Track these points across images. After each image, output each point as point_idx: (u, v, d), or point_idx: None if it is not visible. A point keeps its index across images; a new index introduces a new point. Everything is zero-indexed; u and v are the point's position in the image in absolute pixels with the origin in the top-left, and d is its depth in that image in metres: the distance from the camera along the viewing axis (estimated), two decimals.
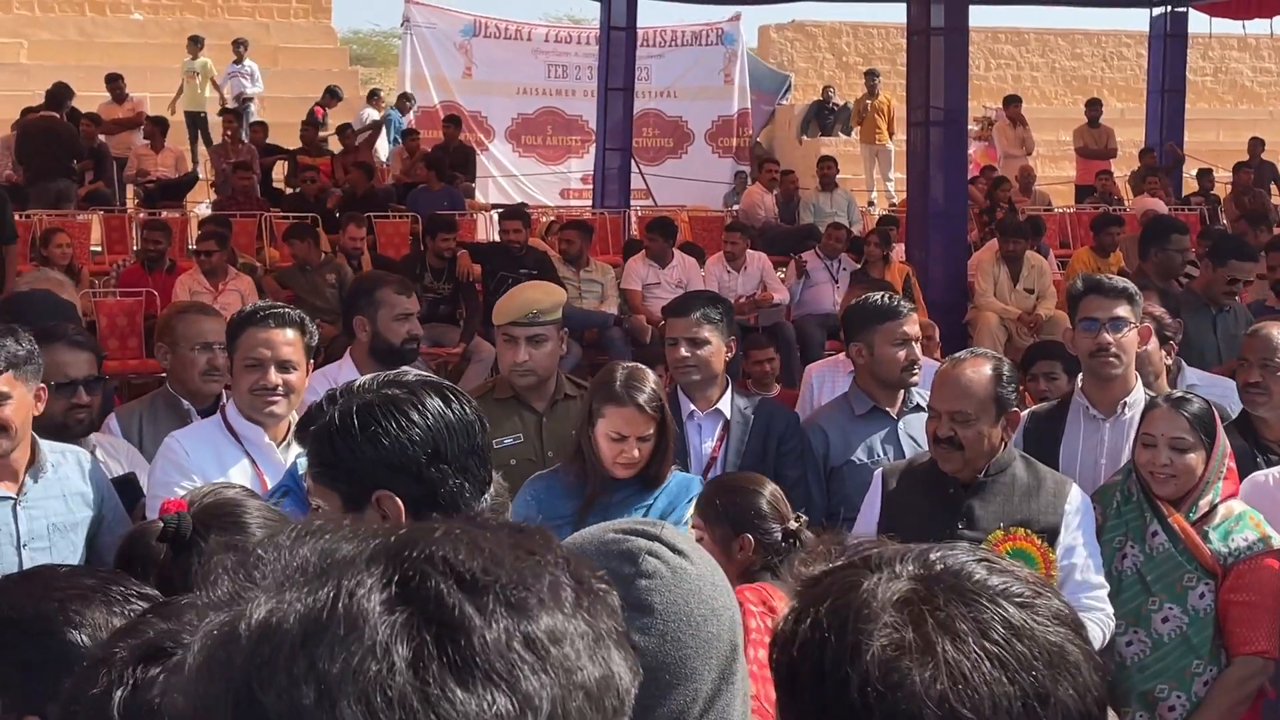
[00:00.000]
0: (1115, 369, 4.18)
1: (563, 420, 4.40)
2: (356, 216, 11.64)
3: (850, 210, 14.72)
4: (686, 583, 1.37)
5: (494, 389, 4.46)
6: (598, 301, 10.38)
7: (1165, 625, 3.72)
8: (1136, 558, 3.77)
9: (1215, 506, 3.72)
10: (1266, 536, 3.67)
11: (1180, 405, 3.75)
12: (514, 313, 4.35)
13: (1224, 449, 3.74)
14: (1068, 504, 3.70)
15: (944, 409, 3.66)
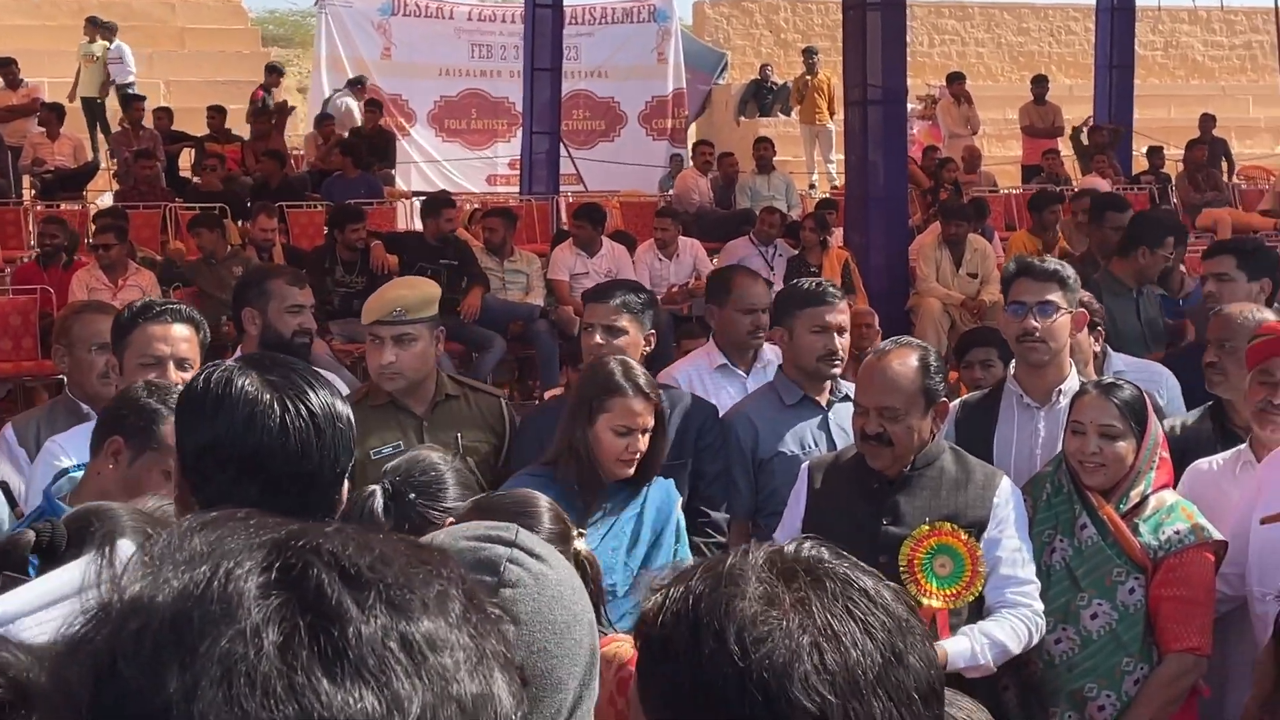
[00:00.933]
0: (1042, 355, 4.20)
1: (445, 423, 4.36)
2: (268, 206, 11.52)
3: (789, 193, 14.78)
4: (549, 589, 1.36)
5: (369, 394, 4.38)
6: (523, 293, 10.35)
7: (1094, 622, 3.75)
8: (1065, 552, 3.79)
9: (1146, 498, 3.74)
10: (1199, 527, 3.69)
11: (1110, 392, 3.77)
12: (379, 311, 4.29)
13: (1155, 438, 3.77)
14: (996, 496, 3.72)
15: (871, 404, 3.67)
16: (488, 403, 4.51)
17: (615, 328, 4.38)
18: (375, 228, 11.45)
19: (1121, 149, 16.35)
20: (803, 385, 4.50)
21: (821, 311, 4.47)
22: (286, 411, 2.02)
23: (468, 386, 4.54)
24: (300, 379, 2.09)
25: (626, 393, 3.69)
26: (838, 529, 3.54)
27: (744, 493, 4.45)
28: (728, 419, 4.61)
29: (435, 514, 3.08)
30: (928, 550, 3.62)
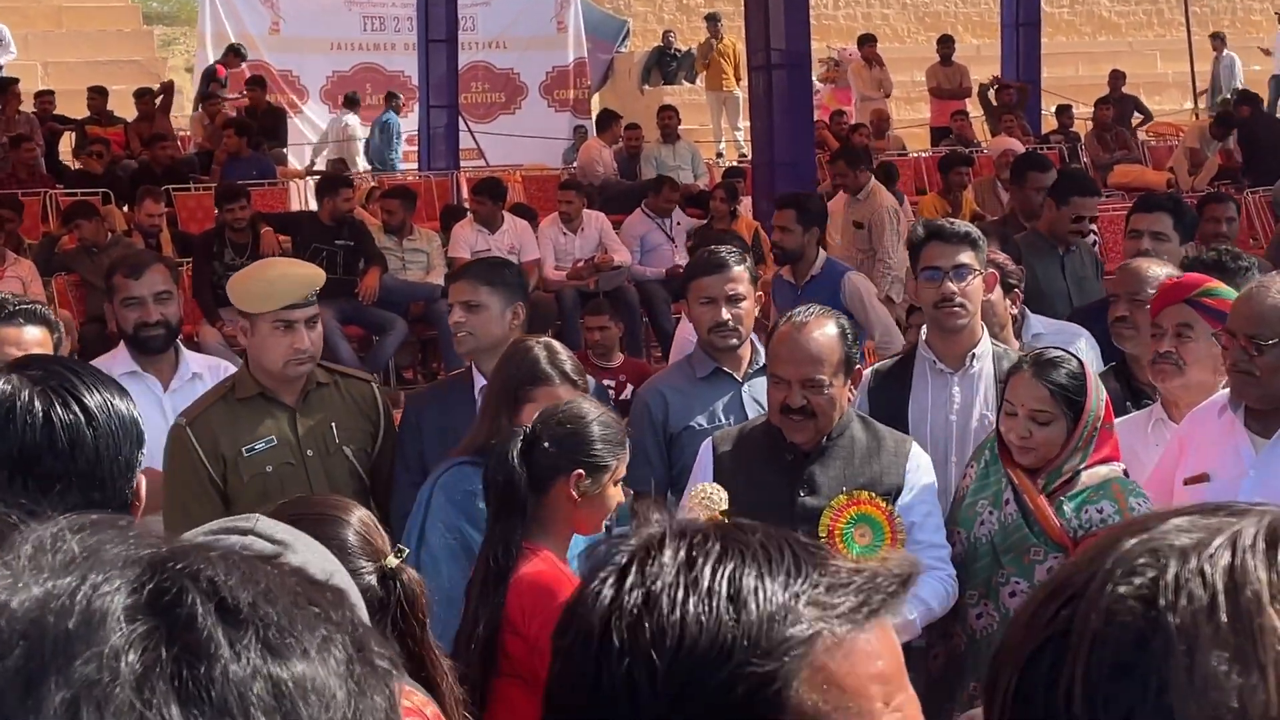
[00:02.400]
0: (961, 319, 4.19)
1: (317, 413, 4.22)
2: (153, 191, 11.30)
3: (695, 162, 14.76)
4: None
5: (234, 388, 4.23)
6: (423, 272, 10.23)
7: (1013, 600, 3.72)
8: (991, 526, 3.77)
9: (1078, 474, 3.71)
10: (1125, 510, 3.63)
11: (1044, 373, 3.69)
12: (293, 294, 4.12)
13: (1094, 414, 3.71)
14: (909, 462, 3.71)
15: (794, 376, 3.62)
16: (359, 389, 4.38)
17: (472, 304, 4.29)
18: (268, 208, 11.26)
19: (1030, 109, 16.52)
20: (715, 357, 4.45)
21: (706, 283, 4.40)
22: (52, 408, 2.05)
23: (337, 373, 4.41)
24: (72, 377, 2.12)
25: (553, 381, 3.63)
26: (751, 502, 3.50)
27: (656, 466, 4.40)
28: (641, 392, 4.58)
29: (565, 463, 3.18)
30: (847, 520, 3.60)
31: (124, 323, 4.71)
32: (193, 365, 4.86)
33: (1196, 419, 3.88)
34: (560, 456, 3.22)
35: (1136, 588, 0.90)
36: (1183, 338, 3.96)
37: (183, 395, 4.77)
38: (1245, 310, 3.70)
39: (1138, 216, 5.56)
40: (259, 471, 4.12)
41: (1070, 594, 0.93)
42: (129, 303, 4.67)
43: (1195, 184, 14.43)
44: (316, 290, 4.22)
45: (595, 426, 3.27)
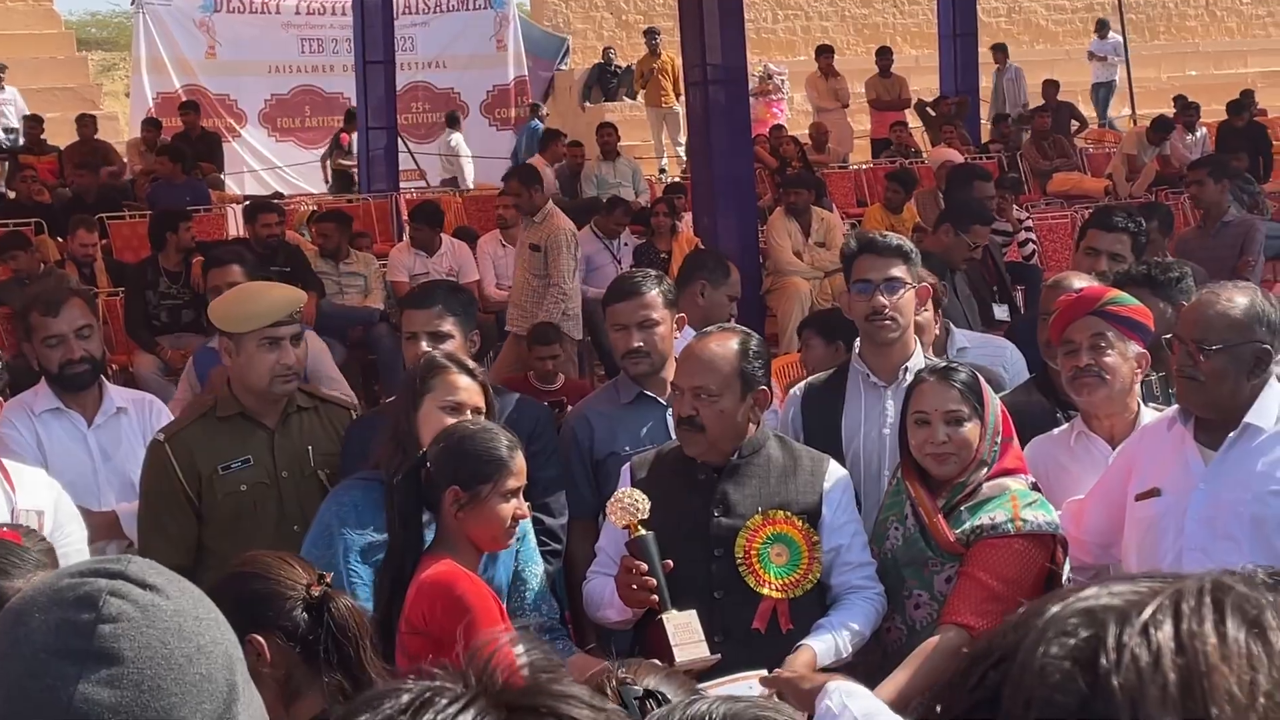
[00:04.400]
0: (892, 333, 4.21)
1: (295, 436, 4.30)
2: (86, 219, 11.18)
3: (636, 179, 14.78)
4: (161, 620, 1.27)
5: (215, 407, 4.30)
6: (361, 296, 10.18)
7: (918, 611, 3.76)
8: (896, 540, 3.81)
9: (980, 485, 3.74)
10: (1017, 519, 3.66)
11: (948, 376, 3.77)
12: (278, 312, 4.22)
13: (994, 424, 3.76)
14: (827, 482, 3.73)
15: (685, 385, 3.66)
16: (338, 414, 4.45)
17: (440, 333, 4.28)
18: (204, 235, 11.18)
19: (969, 118, 16.63)
20: (641, 382, 4.46)
21: (618, 309, 4.43)
22: None
23: (317, 398, 4.46)
24: None
25: (450, 369, 3.68)
26: (667, 523, 3.53)
27: (585, 492, 4.41)
28: (569, 418, 4.60)
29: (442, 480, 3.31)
30: (763, 540, 3.62)
31: (46, 362, 4.68)
32: (116, 400, 4.84)
33: (1145, 434, 3.91)
34: (438, 473, 3.32)
35: (1071, 649, 0.88)
36: (1099, 349, 3.99)
37: (107, 430, 4.75)
38: (1192, 316, 3.72)
39: (1096, 234, 5.50)
40: (233, 490, 4.18)
41: (998, 657, 0.91)
42: (50, 341, 4.65)
43: (1133, 190, 14.58)
44: (300, 309, 4.34)
45: (471, 443, 3.32)
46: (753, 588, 3.58)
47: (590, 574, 3.85)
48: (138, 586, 1.29)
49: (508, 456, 3.32)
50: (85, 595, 1.27)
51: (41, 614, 1.26)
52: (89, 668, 1.22)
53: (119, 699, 1.22)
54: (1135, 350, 4.01)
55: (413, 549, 3.33)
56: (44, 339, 4.66)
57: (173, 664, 1.25)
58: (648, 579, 3.47)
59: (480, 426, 3.41)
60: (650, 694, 2.03)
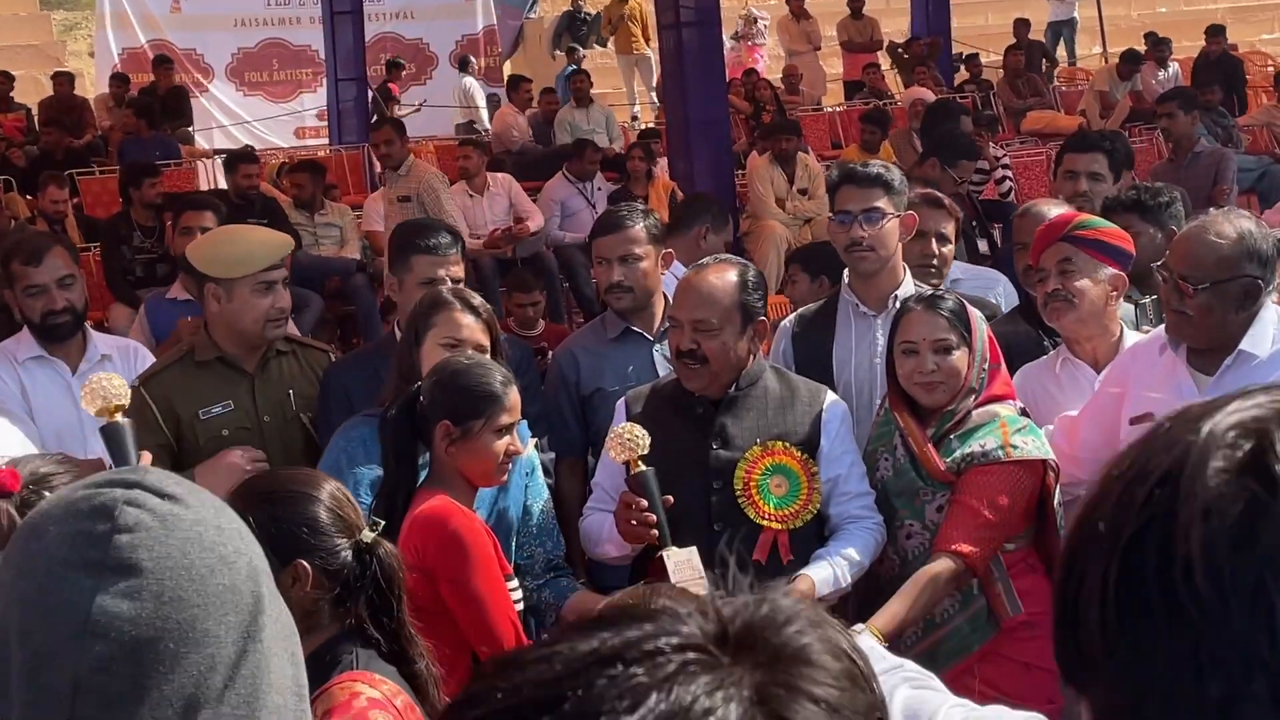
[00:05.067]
0: (871, 264, 4.18)
1: (275, 381, 4.27)
2: (56, 176, 11.08)
3: (609, 126, 14.68)
4: (181, 530, 1.22)
5: (193, 352, 4.25)
6: (337, 247, 10.11)
7: (910, 541, 3.75)
8: (886, 470, 3.80)
9: (969, 413, 3.72)
10: (1007, 445, 3.65)
11: (935, 305, 3.74)
12: (271, 256, 4.19)
13: (981, 351, 3.74)
14: (825, 413, 3.71)
15: (685, 319, 3.62)
16: (317, 358, 4.42)
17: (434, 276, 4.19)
18: (175, 189, 11.07)
19: (942, 59, 16.55)
20: (626, 318, 4.43)
21: (602, 243, 4.41)
22: None
23: (296, 342, 4.44)
24: None
25: (453, 306, 3.65)
26: (666, 457, 3.50)
27: (573, 429, 4.39)
28: (555, 354, 4.60)
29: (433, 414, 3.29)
30: (762, 471, 3.59)
31: (29, 311, 4.65)
32: (101, 347, 4.81)
33: (1137, 354, 3.90)
34: (430, 409, 3.29)
35: (1239, 461, 0.90)
36: (1066, 274, 4.00)
37: None
38: (1180, 250, 3.71)
39: (1072, 157, 5.49)
40: (215, 435, 4.14)
41: (1160, 475, 0.93)
42: (32, 291, 4.62)
43: (1107, 126, 14.55)
44: (289, 252, 4.32)
45: (465, 377, 3.29)
46: (752, 519, 3.56)
47: (587, 510, 3.83)
48: (155, 496, 1.24)
49: (501, 392, 3.28)
50: (100, 505, 1.22)
51: (56, 526, 1.22)
52: (106, 579, 1.18)
53: (138, 611, 1.17)
54: (1108, 273, 4.00)
55: (405, 484, 3.30)
56: (25, 288, 4.62)
57: (194, 574, 1.21)
58: (648, 515, 3.44)
59: (474, 361, 3.37)
60: None
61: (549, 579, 3.64)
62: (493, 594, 3.11)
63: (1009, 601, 3.67)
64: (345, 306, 9.95)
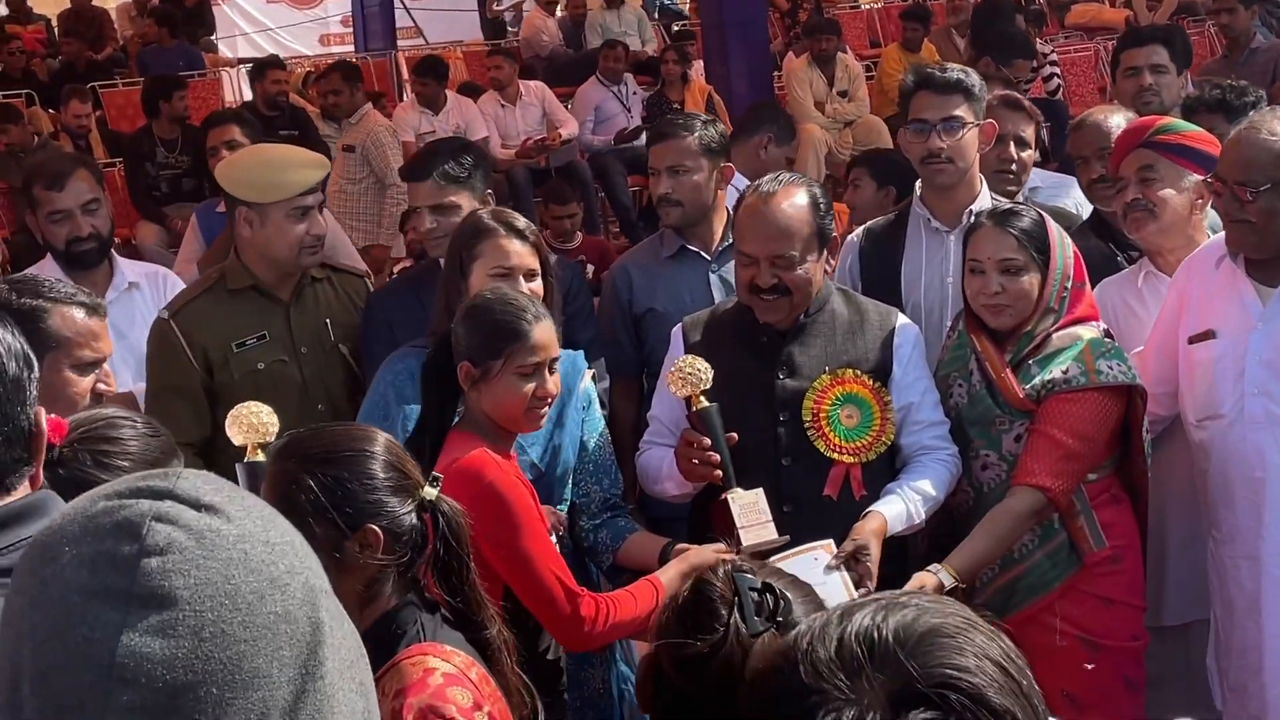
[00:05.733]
0: (948, 177, 3.94)
1: (311, 309, 4.07)
2: (79, 90, 10.87)
3: (642, 28, 14.32)
4: (223, 549, 1.01)
5: (224, 279, 4.04)
6: None
7: (985, 473, 3.55)
8: (960, 397, 3.58)
9: (1049, 335, 3.50)
10: (1091, 370, 3.43)
11: (1007, 221, 3.50)
12: (307, 180, 3.98)
13: (1062, 269, 3.51)
14: (897, 337, 3.48)
15: (762, 254, 3.37)
16: (354, 284, 4.21)
17: (444, 206, 3.97)
18: (199, 103, 10.84)
19: None
20: (684, 235, 4.20)
21: (653, 152, 4.22)
22: None
23: (330, 268, 4.20)
24: None
25: (498, 232, 3.41)
26: (729, 389, 3.30)
27: (627, 349, 4.20)
28: (610, 270, 4.41)
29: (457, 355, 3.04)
30: (832, 401, 3.38)
31: (52, 238, 4.49)
32: (128, 274, 4.62)
33: (1192, 270, 3.69)
34: (455, 347, 3.07)
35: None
36: (1147, 181, 3.79)
37: (120, 307, 4.53)
38: (1233, 155, 3.51)
39: (1130, 53, 5.26)
40: (250, 369, 3.96)
41: None
42: (55, 217, 4.45)
43: (1155, 19, 14.12)
44: (326, 175, 4.13)
45: (485, 314, 3.04)
46: (822, 453, 3.35)
47: (644, 444, 3.62)
48: (190, 508, 1.03)
49: (525, 329, 3.00)
50: (125, 522, 1.01)
51: (73, 548, 1.00)
52: (134, 613, 0.96)
53: (174, 650, 0.96)
54: (1192, 180, 3.78)
55: (434, 430, 3.07)
56: (49, 214, 4.45)
57: (239, 603, 0.99)
58: (710, 454, 3.23)
59: (499, 296, 3.09)
60: (769, 587, 1.81)
61: (606, 518, 3.42)
62: (537, 549, 2.89)
63: (1092, 536, 3.48)
64: None
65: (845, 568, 3.18)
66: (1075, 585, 3.49)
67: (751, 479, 3.24)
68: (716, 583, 1.81)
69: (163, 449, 2.51)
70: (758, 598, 1.78)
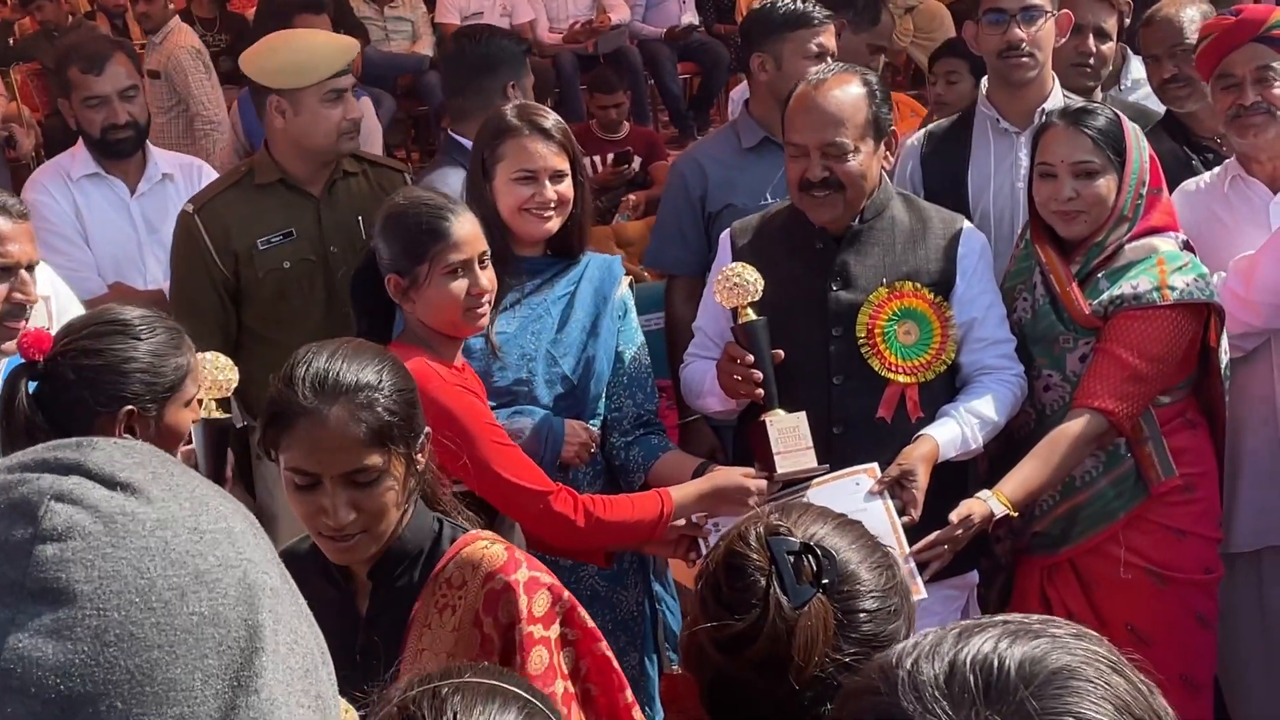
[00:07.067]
0: (1030, 70, 3.71)
1: (343, 205, 3.93)
2: None
3: None
4: (137, 537, 0.83)
5: (251, 172, 3.89)
6: (409, 42, 9.64)
7: (1047, 394, 3.35)
8: (1024, 312, 3.38)
9: (1122, 246, 3.28)
10: (1164, 286, 3.22)
11: (1081, 120, 3.26)
12: (338, 61, 3.85)
13: (1138, 174, 3.28)
14: (961, 246, 3.27)
15: (812, 142, 3.15)
16: (391, 179, 4.05)
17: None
18: None
19: None
20: (771, 124, 3.93)
21: (814, 34, 3.94)
22: None
23: (367, 161, 4.06)
24: None
25: (521, 131, 3.21)
26: (777, 300, 3.11)
27: (692, 244, 4.00)
28: (678, 162, 4.20)
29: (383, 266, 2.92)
30: (889, 316, 3.18)
31: (87, 125, 4.38)
32: (163, 165, 4.52)
33: None
34: (380, 261, 2.95)
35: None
36: (1266, 82, 3.51)
37: (152, 199, 4.44)
38: None
39: None
40: (275, 267, 3.84)
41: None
42: (91, 102, 4.34)
43: None
44: (355, 54, 4.03)
45: (401, 220, 2.91)
46: (877, 371, 3.16)
47: (688, 356, 3.44)
48: (102, 485, 0.85)
49: (445, 227, 2.85)
50: (21, 501, 0.83)
51: None
52: (24, 610, 0.79)
53: (70, 655, 0.79)
54: None
55: (370, 334, 2.93)
56: (84, 99, 4.33)
57: (153, 601, 0.81)
58: (754, 371, 3.05)
59: (413, 199, 2.94)
60: (809, 548, 1.63)
61: (639, 435, 3.26)
62: (492, 452, 2.81)
63: (1160, 464, 3.29)
64: (418, 106, 9.54)
65: (889, 494, 3.02)
66: (1143, 515, 3.31)
67: (799, 398, 3.06)
68: (750, 551, 1.64)
69: (158, 351, 2.39)
70: (795, 561, 1.61)
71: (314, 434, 2.10)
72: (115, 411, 2.41)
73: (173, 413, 2.49)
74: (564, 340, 3.20)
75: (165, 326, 2.52)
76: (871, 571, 1.66)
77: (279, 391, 2.17)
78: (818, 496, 2.97)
